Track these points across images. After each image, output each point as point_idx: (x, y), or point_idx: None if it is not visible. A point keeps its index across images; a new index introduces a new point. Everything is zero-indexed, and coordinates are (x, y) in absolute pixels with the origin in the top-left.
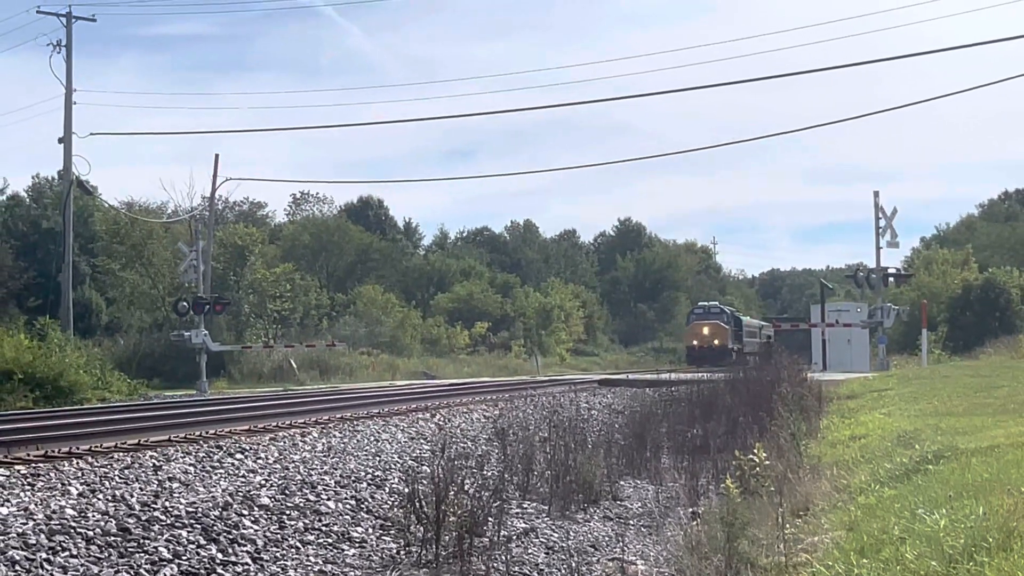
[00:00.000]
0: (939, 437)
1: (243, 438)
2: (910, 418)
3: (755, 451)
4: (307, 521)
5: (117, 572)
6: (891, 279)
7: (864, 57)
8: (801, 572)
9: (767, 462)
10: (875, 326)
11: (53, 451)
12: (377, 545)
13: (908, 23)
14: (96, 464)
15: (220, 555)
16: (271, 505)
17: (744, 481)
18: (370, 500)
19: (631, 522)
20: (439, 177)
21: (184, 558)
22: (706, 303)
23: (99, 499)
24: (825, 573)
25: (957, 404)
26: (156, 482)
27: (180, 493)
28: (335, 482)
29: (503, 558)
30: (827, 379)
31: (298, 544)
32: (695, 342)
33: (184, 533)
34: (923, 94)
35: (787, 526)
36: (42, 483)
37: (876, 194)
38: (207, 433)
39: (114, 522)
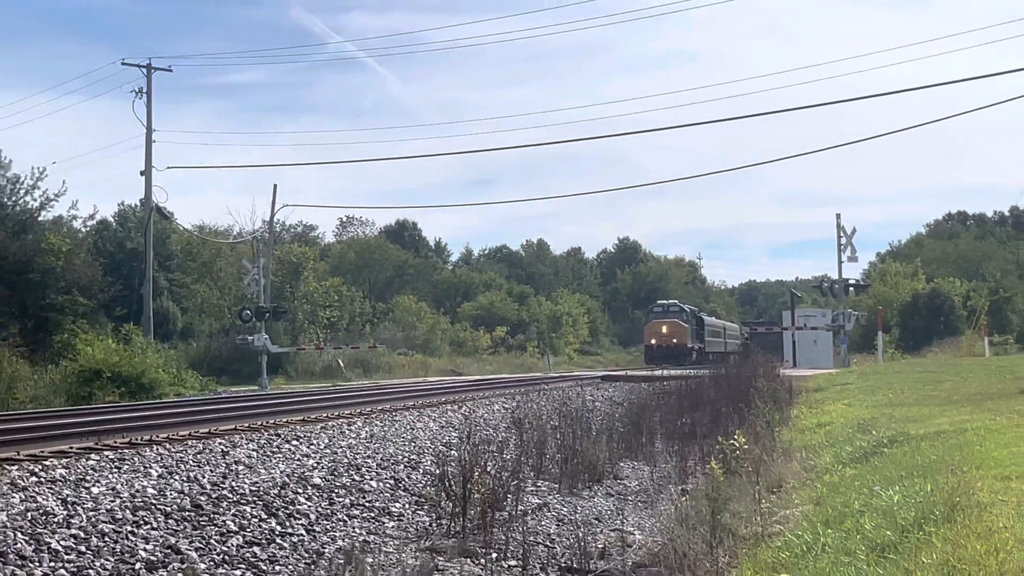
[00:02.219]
0: (893, 424)
1: (298, 427)
2: (868, 408)
3: (736, 437)
4: (353, 498)
5: (191, 542)
6: (851, 289)
7: (828, 98)
8: (775, 540)
9: (746, 446)
10: (838, 329)
11: (137, 439)
12: (412, 518)
13: (866, 69)
14: (173, 450)
15: (279, 527)
16: (322, 484)
17: (726, 463)
18: (407, 480)
19: (629, 498)
20: (464, 203)
21: (248, 530)
22: (665, 301)
23: (176, 480)
24: (796, 541)
25: (908, 396)
26: (224, 465)
27: (244, 474)
28: (377, 464)
29: (520, 529)
30: (797, 375)
31: (345, 518)
32: (653, 341)
33: (248, 509)
34: (879, 130)
35: (763, 501)
36: (127, 466)
37: (838, 216)
38: (267, 423)
39: (188, 499)
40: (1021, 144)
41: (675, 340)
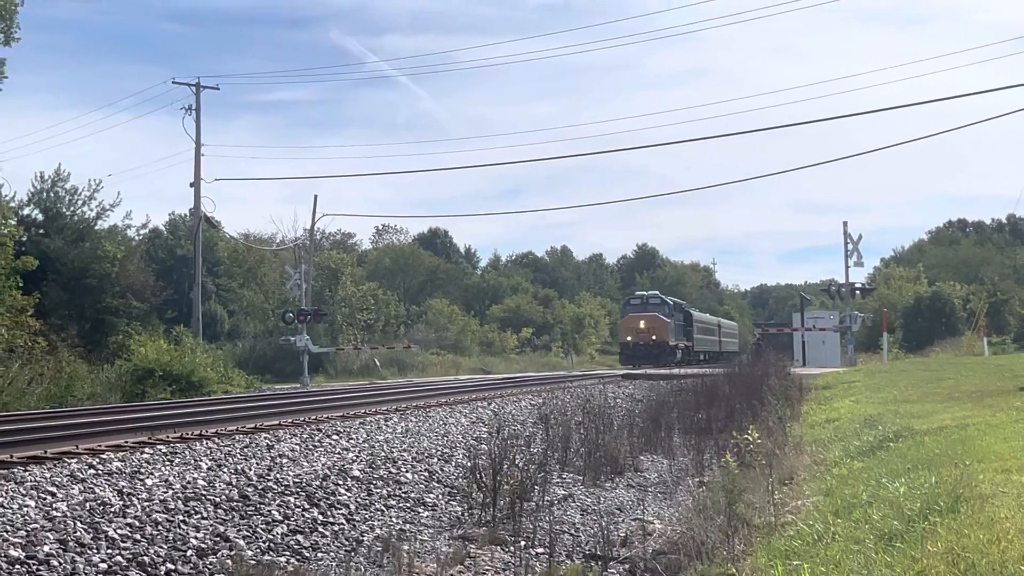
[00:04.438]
0: (898, 420)
1: (338, 423)
2: (874, 404)
3: (749, 432)
4: (390, 489)
5: (239, 530)
6: (857, 292)
7: (835, 113)
8: (788, 529)
9: (759, 441)
10: (845, 330)
11: (187, 433)
12: (446, 508)
13: (871, 85)
14: (221, 444)
15: (320, 516)
16: (361, 476)
17: (741, 456)
18: (440, 472)
19: (649, 489)
20: (493, 212)
21: (292, 519)
22: (644, 292)
23: (224, 472)
24: (807, 530)
25: (912, 393)
26: (269, 458)
27: (288, 467)
28: (412, 458)
29: (547, 518)
30: (806, 373)
31: (383, 507)
32: (629, 337)
33: (292, 499)
34: (883, 143)
35: (776, 493)
36: (179, 459)
37: (845, 224)
38: (309, 419)
39: (236, 490)
40: (1017, 155)
41: (654, 337)
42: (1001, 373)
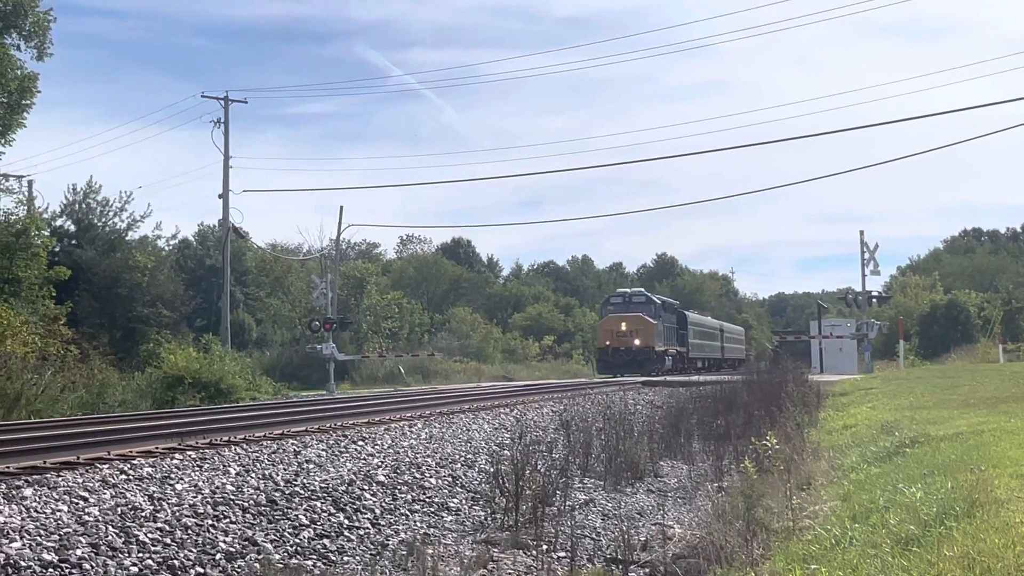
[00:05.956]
0: (914, 426)
1: (363, 429)
2: (891, 411)
3: (767, 438)
4: (414, 494)
5: (267, 535)
6: (874, 300)
7: (851, 124)
8: (806, 534)
9: (777, 446)
10: (861, 337)
11: (216, 439)
12: (469, 513)
13: (887, 97)
14: (249, 450)
15: (346, 521)
16: (386, 481)
17: (759, 462)
18: (463, 477)
19: (669, 494)
20: (515, 222)
21: (318, 523)
22: (627, 290)
23: (252, 477)
24: (825, 535)
25: (928, 399)
26: (296, 464)
27: (315, 472)
28: (436, 463)
29: (568, 523)
30: (824, 380)
31: (407, 512)
32: (608, 342)
33: (318, 504)
34: (899, 153)
35: (794, 498)
36: (208, 465)
37: (862, 233)
38: (335, 425)
39: (264, 495)
40: None
41: (637, 341)
42: (1016, 380)
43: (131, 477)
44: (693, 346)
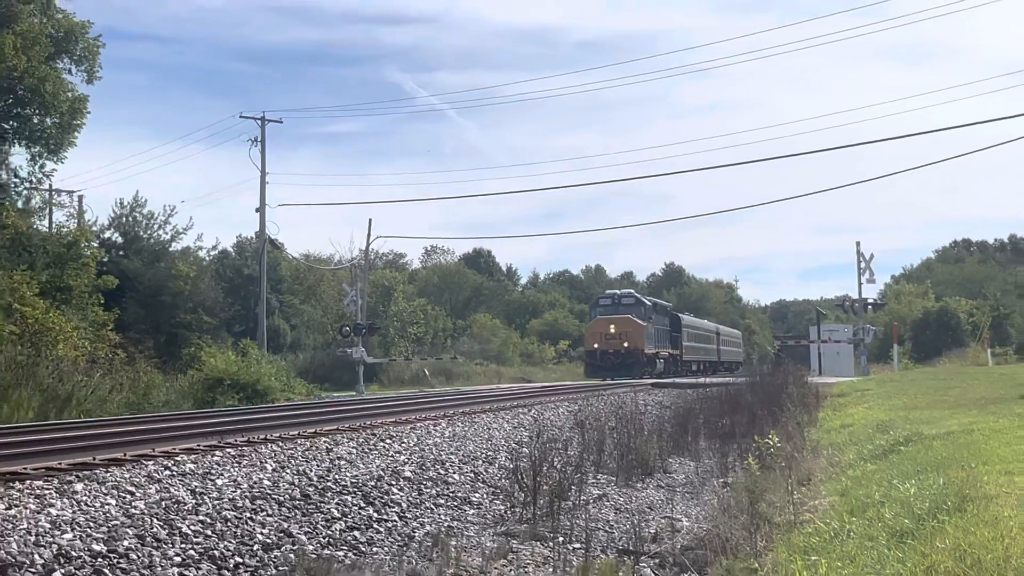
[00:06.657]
0: (908, 425)
1: (391, 428)
2: (886, 411)
3: (770, 436)
4: (438, 489)
5: (301, 527)
6: (869, 307)
7: (849, 141)
8: (806, 527)
9: (779, 444)
10: (858, 342)
11: (254, 438)
12: (490, 507)
13: (882, 115)
14: (285, 447)
15: (375, 514)
16: (412, 477)
17: (762, 459)
18: (484, 473)
19: (677, 490)
20: (533, 233)
21: (349, 516)
22: (616, 291)
23: (287, 473)
24: (824, 528)
25: (921, 400)
26: (328, 461)
27: (346, 469)
28: (459, 460)
29: (583, 516)
30: (822, 382)
31: (432, 506)
32: (596, 344)
33: (349, 498)
34: (894, 168)
35: (795, 493)
36: (246, 461)
37: (858, 243)
38: (365, 424)
39: (298, 490)
40: (1016, 181)
41: (626, 344)
42: (1004, 382)
43: (174, 473)
44: (687, 349)
